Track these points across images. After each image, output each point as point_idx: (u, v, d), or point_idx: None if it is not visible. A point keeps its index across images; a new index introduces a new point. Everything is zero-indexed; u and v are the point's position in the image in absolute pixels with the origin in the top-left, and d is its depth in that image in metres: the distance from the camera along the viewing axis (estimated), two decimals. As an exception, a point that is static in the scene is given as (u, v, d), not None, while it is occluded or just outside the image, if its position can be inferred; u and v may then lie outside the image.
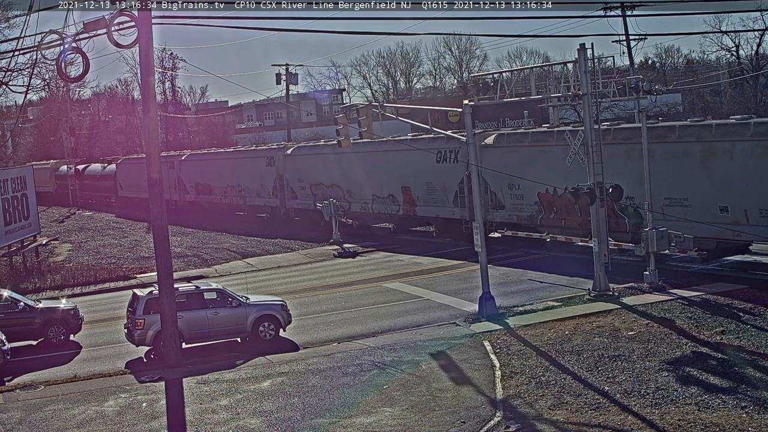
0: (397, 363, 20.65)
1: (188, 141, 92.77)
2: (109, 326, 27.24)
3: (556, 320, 23.32)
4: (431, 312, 26.05)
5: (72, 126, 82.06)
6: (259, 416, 17.63)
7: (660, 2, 51.59)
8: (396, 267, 34.60)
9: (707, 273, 27.70)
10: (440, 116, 51.04)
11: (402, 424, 16.63)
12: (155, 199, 22.15)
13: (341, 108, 74.76)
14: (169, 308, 21.92)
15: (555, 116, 38.30)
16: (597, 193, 25.18)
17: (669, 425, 15.31)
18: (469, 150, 25.69)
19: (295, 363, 21.50)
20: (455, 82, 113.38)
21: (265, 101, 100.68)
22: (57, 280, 36.03)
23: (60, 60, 22.65)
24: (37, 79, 48.14)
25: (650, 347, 19.92)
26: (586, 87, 25.38)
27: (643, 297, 25.02)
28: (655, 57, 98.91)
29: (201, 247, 43.71)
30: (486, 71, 74.19)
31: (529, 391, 17.91)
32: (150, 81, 22.07)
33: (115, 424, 17.77)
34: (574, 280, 28.22)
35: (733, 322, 21.53)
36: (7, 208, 38.06)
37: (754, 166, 25.68)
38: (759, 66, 68.67)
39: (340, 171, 45.16)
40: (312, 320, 26.45)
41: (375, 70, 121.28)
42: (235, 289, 26.16)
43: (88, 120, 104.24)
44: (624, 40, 55.82)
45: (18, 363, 23.11)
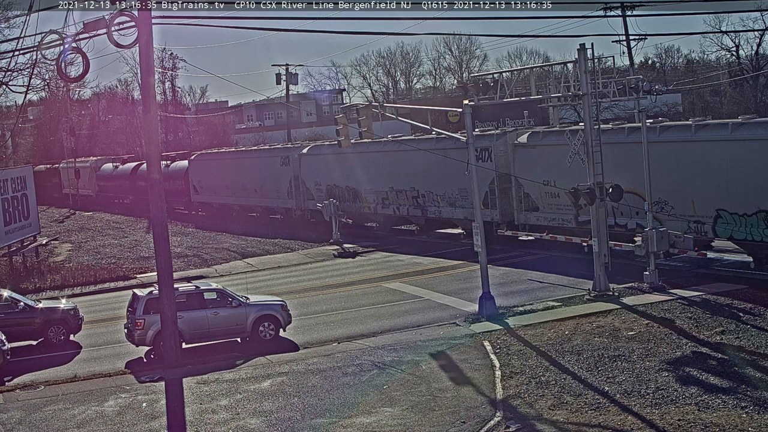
0: (397, 363, 20.65)
1: (188, 141, 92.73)
2: (109, 326, 27.24)
3: (556, 320, 23.32)
4: (431, 312, 26.05)
5: (72, 126, 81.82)
6: (259, 416, 17.63)
7: (660, 2, 51.61)
8: (396, 267, 34.60)
9: (707, 273, 27.70)
10: (440, 116, 51.01)
11: (402, 424, 16.63)
12: (155, 199, 22.18)
13: (341, 108, 74.71)
14: (169, 308, 21.94)
15: (555, 116, 38.39)
16: (597, 193, 25.19)
17: (669, 425, 15.31)
18: (469, 150, 25.68)
19: (295, 363, 21.50)
20: (455, 82, 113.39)
21: (265, 101, 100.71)
22: (57, 280, 36.03)
23: (60, 60, 22.68)
24: (37, 79, 48.31)
25: (650, 347, 19.92)
26: (586, 87, 25.39)
27: (643, 297, 25.02)
28: (655, 57, 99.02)
29: (201, 247, 43.72)
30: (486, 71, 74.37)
31: (529, 391, 17.91)
32: (150, 81, 22.09)
33: (115, 424, 17.76)
34: (574, 280, 28.23)
35: (733, 322, 21.53)
36: (7, 208, 38.07)
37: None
38: (759, 66, 68.70)
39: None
40: (312, 320, 26.45)
41: (375, 70, 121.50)
42: (235, 289, 26.16)
43: (88, 120, 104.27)
44: (624, 40, 55.85)
45: (18, 363, 23.10)
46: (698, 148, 27.77)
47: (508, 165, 34.70)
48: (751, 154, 26.19)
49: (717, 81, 72.84)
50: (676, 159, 28.15)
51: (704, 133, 27.89)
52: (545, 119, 45.53)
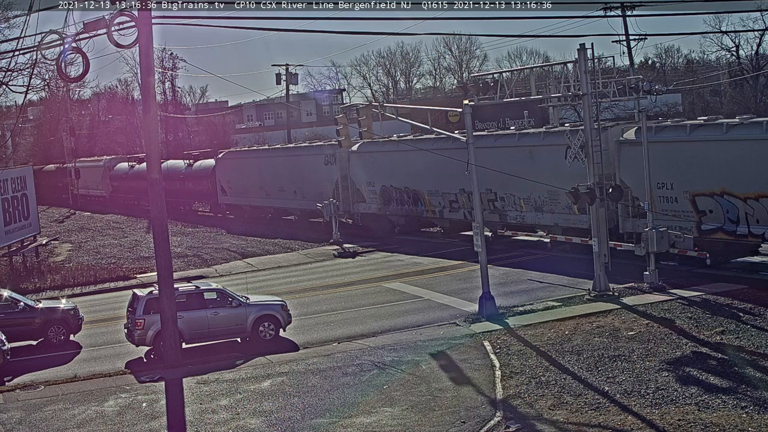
0: (397, 363, 20.65)
1: (188, 141, 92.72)
2: (109, 326, 27.23)
3: (556, 320, 23.32)
4: (431, 312, 26.05)
5: (72, 126, 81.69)
6: (259, 416, 17.63)
7: (660, 2, 51.58)
8: (396, 267, 34.60)
9: (707, 273, 27.67)
10: (440, 116, 51.00)
11: (402, 424, 16.63)
12: (155, 199, 22.19)
13: (341, 108, 74.62)
14: (169, 308, 21.95)
15: (555, 116, 38.30)
16: (597, 193, 25.19)
17: (669, 425, 15.31)
18: (469, 150, 25.66)
19: (295, 363, 21.50)
20: (455, 82, 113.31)
21: (265, 101, 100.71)
22: (57, 280, 36.03)
23: (60, 60, 22.68)
24: (37, 79, 48.23)
25: (650, 347, 19.92)
26: (586, 87, 25.39)
27: (643, 297, 25.02)
28: (655, 57, 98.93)
29: (201, 247, 43.72)
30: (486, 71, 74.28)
31: (529, 391, 17.91)
32: (150, 81, 22.09)
33: (115, 424, 17.76)
34: (574, 280, 28.23)
35: (733, 322, 21.53)
36: (7, 208, 38.08)
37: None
38: (759, 66, 68.70)
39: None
40: (312, 320, 26.45)
41: (375, 70, 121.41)
42: (235, 289, 26.16)
43: (88, 120, 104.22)
44: (624, 40, 55.81)
45: (18, 363, 23.09)
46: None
47: (611, 165, 29.83)
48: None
49: (717, 81, 72.84)
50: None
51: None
52: (545, 119, 45.45)
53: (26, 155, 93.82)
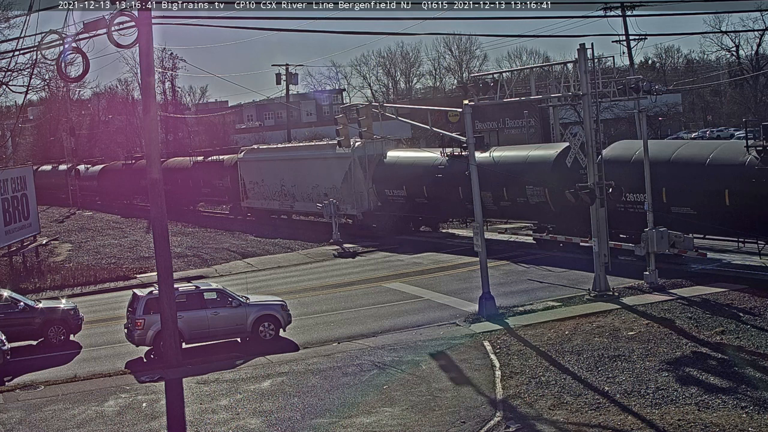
0: (397, 363, 20.65)
1: (188, 141, 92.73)
2: (109, 326, 27.23)
3: (556, 320, 23.32)
4: (431, 312, 26.05)
5: (72, 126, 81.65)
6: (259, 416, 17.63)
7: (660, 2, 51.57)
8: (396, 267, 34.59)
9: (707, 273, 27.69)
10: (440, 116, 51.01)
11: (402, 424, 16.63)
12: (155, 199, 22.18)
13: (341, 108, 74.57)
14: (169, 308, 21.94)
15: (555, 116, 38.31)
16: (597, 193, 25.19)
17: (669, 425, 15.31)
18: (470, 149, 25.67)
19: (295, 363, 21.50)
20: (455, 82, 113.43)
21: (265, 101, 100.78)
22: (57, 280, 36.03)
23: (60, 60, 22.66)
24: (37, 79, 48.26)
25: (650, 347, 19.92)
26: (586, 87, 25.39)
27: (643, 297, 25.02)
28: (655, 57, 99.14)
29: (201, 247, 43.71)
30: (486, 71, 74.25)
31: (529, 391, 17.91)
32: (150, 81, 22.09)
33: (115, 424, 17.76)
34: (574, 280, 28.23)
35: (733, 322, 21.53)
36: (7, 208, 38.07)
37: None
38: (759, 66, 68.77)
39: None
40: (312, 320, 26.45)
41: (375, 70, 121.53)
42: (235, 289, 26.16)
43: (88, 120, 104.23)
44: (624, 40, 55.78)
45: (18, 363, 23.09)
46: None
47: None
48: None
49: (717, 81, 72.88)
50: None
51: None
52: (545, 119, 45.49)
53: (26, 155, 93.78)
